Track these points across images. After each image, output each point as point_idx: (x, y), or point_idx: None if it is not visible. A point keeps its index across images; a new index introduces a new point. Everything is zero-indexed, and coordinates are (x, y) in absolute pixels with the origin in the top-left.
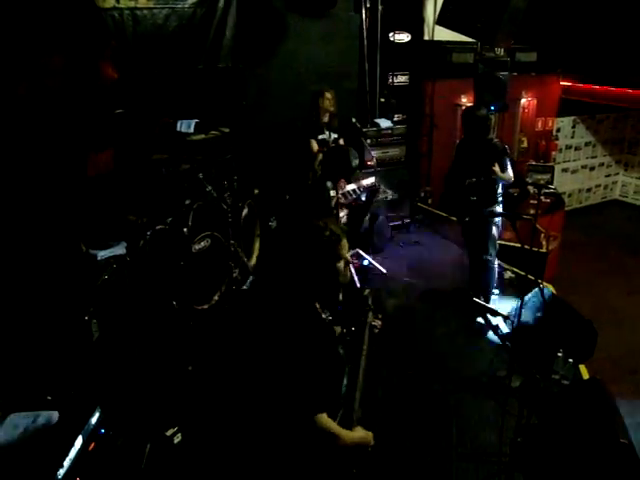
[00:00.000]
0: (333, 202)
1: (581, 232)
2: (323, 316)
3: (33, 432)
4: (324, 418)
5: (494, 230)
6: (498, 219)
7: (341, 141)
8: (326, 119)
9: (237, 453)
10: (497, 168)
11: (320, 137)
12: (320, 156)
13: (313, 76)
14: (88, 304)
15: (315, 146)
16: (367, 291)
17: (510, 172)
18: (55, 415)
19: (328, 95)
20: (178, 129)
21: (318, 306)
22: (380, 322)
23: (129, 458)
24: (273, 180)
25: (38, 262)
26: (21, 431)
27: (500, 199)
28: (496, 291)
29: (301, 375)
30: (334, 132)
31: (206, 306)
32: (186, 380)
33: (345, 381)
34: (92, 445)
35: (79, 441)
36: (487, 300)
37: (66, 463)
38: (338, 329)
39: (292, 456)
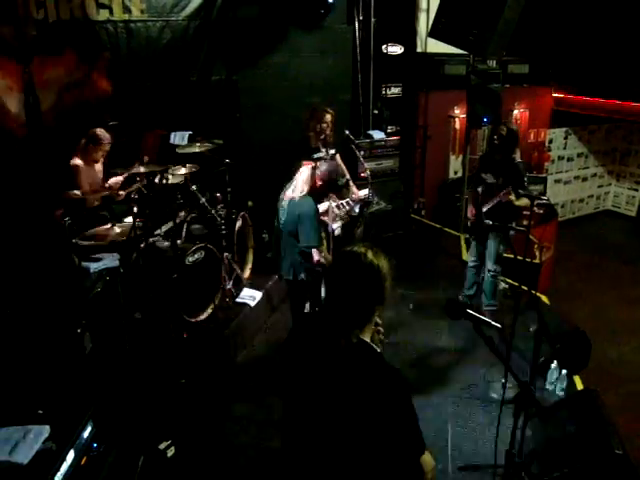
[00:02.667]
0: (330, 215)
1: (574, 242)
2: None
3: (24, 446)
4: (429, 456)
5: (501, 246)
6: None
7: (338, 156)
8: (321, 137)
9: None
10: (513, 196)
11: (316, 156)
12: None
13: (307, 88)
14: (81, 317)
15: None
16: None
17: (525, 199)
18: (47, 429)
19: (328, 117)
20: (172, 141)
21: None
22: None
23: (122, 472)
24: (267, 192)
25: (30, 275)
26: (12, 445)
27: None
28: (495, 304)
29: (401, 418)
30: (330, 147)
31: (200, 318)
32: (179, 393)
33: None
34: (84, 459)
35: (71, 455)
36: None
37: (58, 478)
38: None
39: None
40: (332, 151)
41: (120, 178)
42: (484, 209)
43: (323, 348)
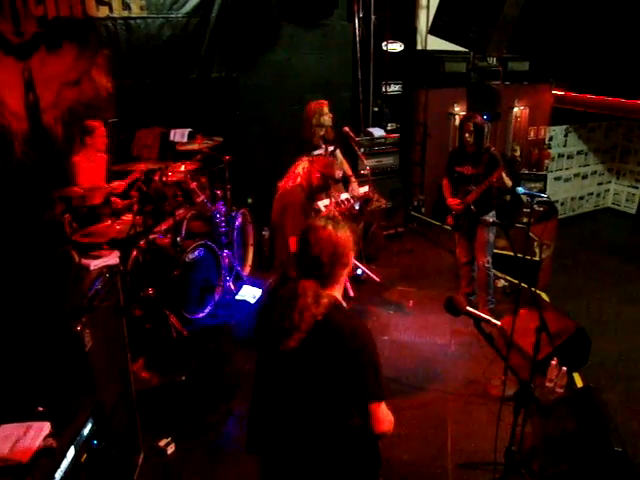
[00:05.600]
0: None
1: (574, 240)
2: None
3: (24, 444)
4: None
5: (491, 236)
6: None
7: (338, 152)
8: (322, 133)
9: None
10: (504, 174)
11: (316, 153)
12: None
13: (307, 85)
14: (80, 314)
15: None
16: None
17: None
18: (47, 426)
19: (326, 109)
20: (171, 138)
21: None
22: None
23: (122, 469)
24: (267, 189)
25: (30, 271)
26: (12, 442)
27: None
28: (493, 300)
29: (363, 365)
30: (330, 144)
31: (200, 315)
32: (179, 390)
33: None
34: (84, 456)
35: (71, 452)
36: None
37: (58, 475)
38: None
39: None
40: (331, 148)
41: (123, 183)
42: (471, 201)
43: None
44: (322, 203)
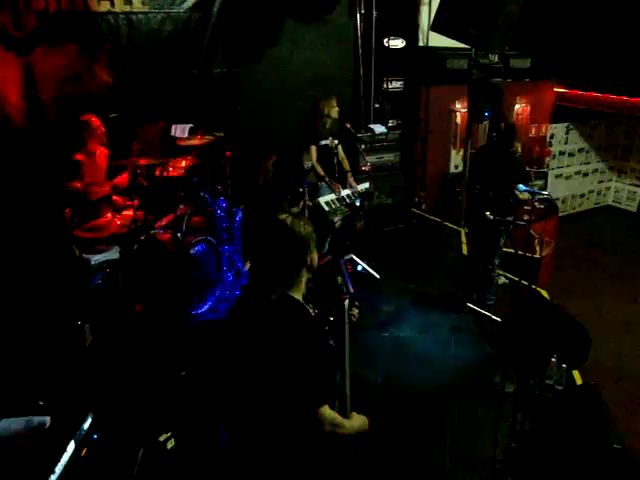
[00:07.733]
0: (331, 208)
1: (575, 238)
2: (310, 311)
3: (25, 437)
4: (327, 410)
5: (502, 240)
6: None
7: (340, 147)
8: (328, 125)
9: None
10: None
11: (323, 143)
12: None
13: (308, 81)
14: (81, 308)
15: (314, 152)
16: (340, 279)
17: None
18: (47, 420)
19: (334, 103)
20: (172, 134)
21: (302, 301)
22: (357, 310)
23: (121, 464)
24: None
25: (32, 266)
26: (13, 436)
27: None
28: (493, 298)
29: (302, 370)
30: (335, 137)
31: (200, 310)
32: (179, 385)
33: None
34: (84, 450)
35: (71, 446)
36: (483, 305)
37: (58, 469)
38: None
39: (294, 451)
40: (336, 141)
41: (125, 176)
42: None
43: (252, 305)
44: (323, 199)
